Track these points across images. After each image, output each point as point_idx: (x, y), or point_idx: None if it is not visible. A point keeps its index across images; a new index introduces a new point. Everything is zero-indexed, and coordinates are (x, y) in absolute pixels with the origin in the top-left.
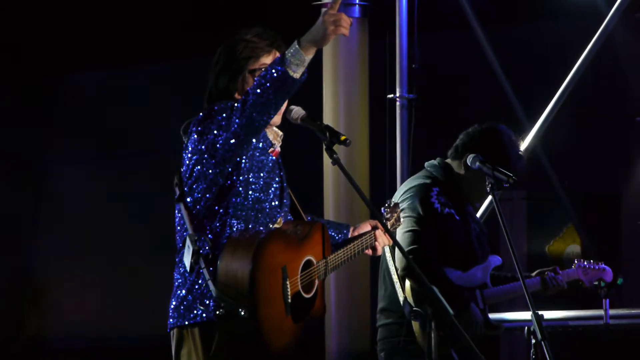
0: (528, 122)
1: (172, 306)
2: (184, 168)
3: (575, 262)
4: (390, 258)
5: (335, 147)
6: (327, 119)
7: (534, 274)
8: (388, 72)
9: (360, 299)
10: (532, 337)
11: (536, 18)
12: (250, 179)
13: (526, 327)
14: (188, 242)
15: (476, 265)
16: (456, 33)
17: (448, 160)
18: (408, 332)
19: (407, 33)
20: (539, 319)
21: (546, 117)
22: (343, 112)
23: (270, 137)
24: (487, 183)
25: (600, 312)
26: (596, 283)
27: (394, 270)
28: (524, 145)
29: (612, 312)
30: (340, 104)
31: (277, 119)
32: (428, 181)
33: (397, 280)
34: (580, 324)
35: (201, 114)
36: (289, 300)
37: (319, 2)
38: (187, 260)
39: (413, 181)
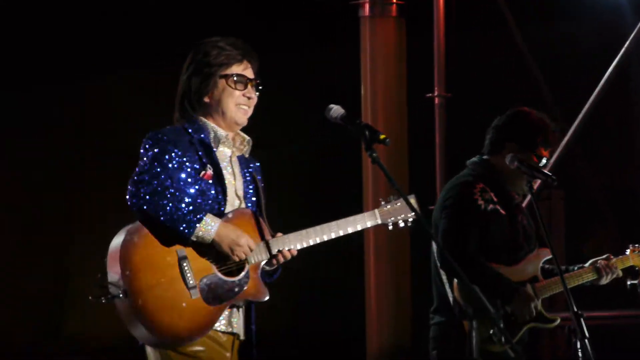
0: (565, 121)
1: None
2: None
3: (630, 247)
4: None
5: (375, 146)
6: (366, 117)
7: (587, 264)
8: (426, 71)
9: (402, 295)
10: (572, 336)
11: (573, 16)
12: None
13: (567, 326)
14: None
15: (525, 259)
16: (493, 31)
17: (486, 157)
18: (460, 331)
19: (444, 32)
20: (580, 317)
21: (583, 116)
22: (382, 111)
23: (237, 143)
24: (525, 183)
25: None
26: None
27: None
28: (561, 145)
29: None
30: (379, 103)
31: (244, 119)
32: (470, 178)
33: (447, 280)
34: (621, 322)
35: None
36: (192, 282)
37: (355, 3)
38: None
39: (457, 180)
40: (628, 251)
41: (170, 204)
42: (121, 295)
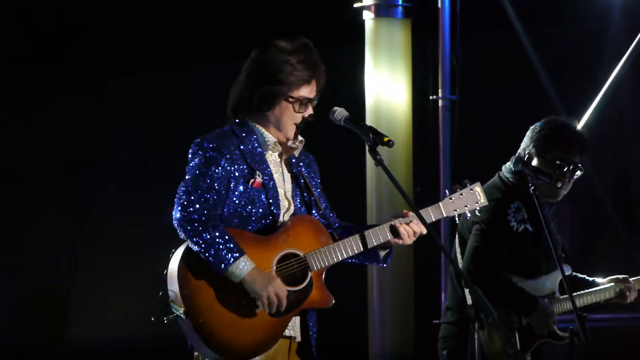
0: None
1: None
2: None
3: None
4: (460, 258)
5: (379, 148)
6: (370, 120)
7: (608, 285)
8: (431, 74)
9: (404, 302)
10: (575, 337)
11: (579, 19)
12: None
13: (570, 328)
14: None
15: (545, 275)
16: (499, 34)
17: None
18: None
19: (449, 34)
20: (583, 319)
21: (587, 119)
22: (386, 113)
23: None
24: (529, 185)
25: None
26: None
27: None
28: None
29: None
30: (383, 105)
31: (290, 133)
32: (508, 193)
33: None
34: (626, 324)
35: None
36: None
37: (360, 5)
38: None
39: (492, 193)
40: None
41: (210, 237)
42: (183, 316)
